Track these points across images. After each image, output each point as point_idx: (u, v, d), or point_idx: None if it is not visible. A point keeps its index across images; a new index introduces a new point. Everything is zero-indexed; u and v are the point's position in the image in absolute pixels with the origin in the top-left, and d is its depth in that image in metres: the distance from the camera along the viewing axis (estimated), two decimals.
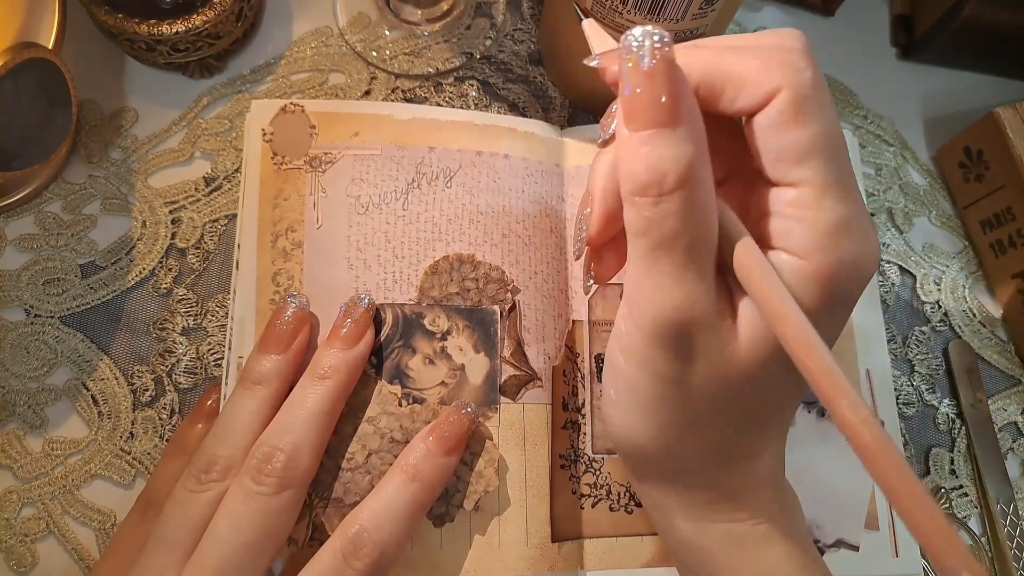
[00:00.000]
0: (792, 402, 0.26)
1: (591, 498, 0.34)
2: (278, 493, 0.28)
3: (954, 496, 0.39)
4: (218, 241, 0.38)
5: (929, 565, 0.38)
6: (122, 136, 0.39)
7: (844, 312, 0.24)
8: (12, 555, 0.33)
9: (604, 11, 0.34)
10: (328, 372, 0.30)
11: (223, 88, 0.41)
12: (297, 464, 0.28)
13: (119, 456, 0.35)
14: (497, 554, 0.32)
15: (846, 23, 0.48)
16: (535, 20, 0.44)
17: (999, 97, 0.46)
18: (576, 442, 0.35)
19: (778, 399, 0.25)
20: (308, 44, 0.42)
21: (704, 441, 0.25)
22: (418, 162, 0.36)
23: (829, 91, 0.23)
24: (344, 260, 0.34)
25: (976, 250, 0.44)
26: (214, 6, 0.37)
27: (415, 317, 0.34)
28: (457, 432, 0.30)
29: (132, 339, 0.36)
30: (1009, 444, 0.41)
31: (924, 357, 0.41)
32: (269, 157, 0.35)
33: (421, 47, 0.43)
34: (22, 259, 0.37)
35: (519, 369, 0.34)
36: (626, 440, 0.27)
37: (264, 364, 0.30)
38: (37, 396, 0.35)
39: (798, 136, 0.21)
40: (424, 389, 0.33)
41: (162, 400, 0.36)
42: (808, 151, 0.22)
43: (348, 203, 0.35)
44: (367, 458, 0.31)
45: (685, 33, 0.34)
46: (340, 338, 0.31)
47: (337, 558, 0.27)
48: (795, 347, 0.21)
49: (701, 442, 0.25)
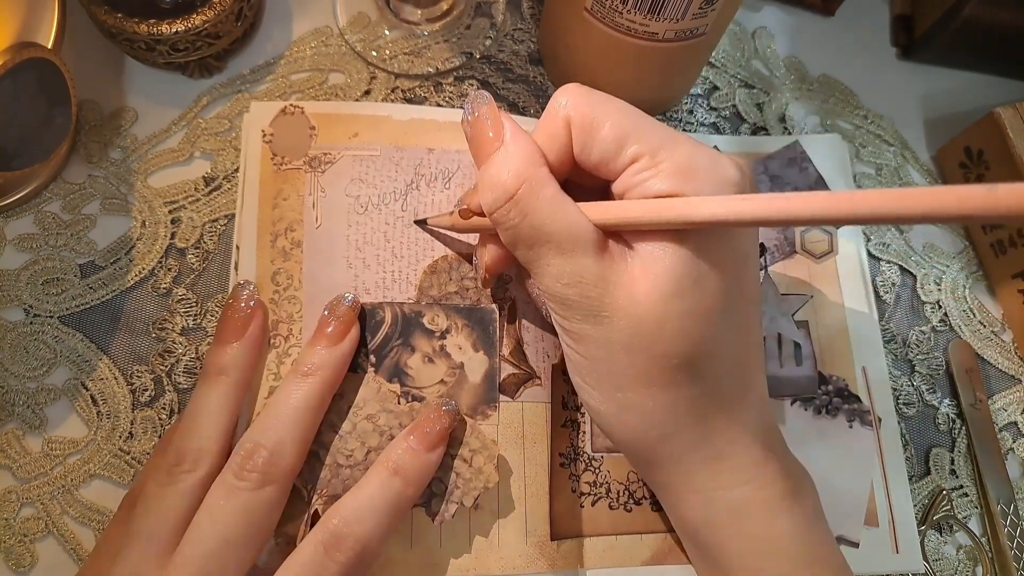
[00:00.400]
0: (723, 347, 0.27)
1: (591, 496, 0.34)
2: (260, 488, 0.28)
3: (954, 496, 0.39)
4: (218, 241, 0.38)
5: (929, 566, 0.38)
6: (122, 136, 0.39)
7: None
8: (11, 555, 0.33)
9: (604, 11, 0.34)
10: (312, 369, 0.30)
11: (223, 88, 0.41)
12: (279, 460, 0.28)
13: (118, 456, 0.35)
14: (497, 552, 0.32)
15: (846, 23, 0.48)
16: (535, 20, 0.44)
17: (999, 97, 0.46)
18: (576, 440, 0.35)
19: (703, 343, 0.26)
20: (308, 44, 0.42)
21: (673, 401, 0.27)
22: (417, 163, 0.36)
23: (588, 91, 0.27)
24: (343, 259, 0.34)
25: (976, 250, 0.44)
26: (214, 6, 0.37)
27: (414, 316, 0.34)
28: (438, 428, 0.31)
29: (131, 339, 0.36)
30: (1009, 444, 0.41)
31: (924, 357, 0.41)
32: (269, 158, 0.35)
33: (421, 47, 0.43)
34: (21, 259, 0.37)
35: (518, 367, 0.34)
36: (614, 424, 0.28)
37: (223, 354, 0.31)
38: (36, 396, 0.35)
39: (602, 138, 0.26)
40: (423, 387, 0.33)
41: (161, 400, 0.36)
42: (617, 140, 0.26)
43: (347, 203, 0.35)
44: (366, 455, 0.31)
45: (686, 33, 0.34)
46: (325, 336, 0.31)
47: (318, 551, 0.27)
48: (678, 212, 0.24)
49: (672, 403, 0.27)
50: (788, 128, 0.44)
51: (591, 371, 0.28)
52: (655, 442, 0.28)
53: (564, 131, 0.27)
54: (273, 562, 0.28)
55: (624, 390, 0.27)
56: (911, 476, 0.39)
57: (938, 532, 0.39)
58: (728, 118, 0.44)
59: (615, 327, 0.26)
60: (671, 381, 0.26)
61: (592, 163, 0.27)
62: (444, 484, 0.32)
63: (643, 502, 0.35)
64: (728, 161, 0.26)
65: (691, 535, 0.30)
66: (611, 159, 0.26)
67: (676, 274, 0.25)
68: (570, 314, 0.27)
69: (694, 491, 0.28)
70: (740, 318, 0.27)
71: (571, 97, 0.27)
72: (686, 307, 0.25)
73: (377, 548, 0.28)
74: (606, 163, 0.26)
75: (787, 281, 0.39)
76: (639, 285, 0.25)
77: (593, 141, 0.26)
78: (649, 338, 0.25)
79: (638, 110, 0.27)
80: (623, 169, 0.26)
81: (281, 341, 0.33)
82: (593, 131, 0.26)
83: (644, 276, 0.25)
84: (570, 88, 0.27)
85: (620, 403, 0.27)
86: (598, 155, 0.26)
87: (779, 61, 0.46)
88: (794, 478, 0.28)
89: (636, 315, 0.25)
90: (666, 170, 0.25)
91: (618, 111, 0.26)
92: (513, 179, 0.26)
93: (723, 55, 0.45)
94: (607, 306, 0.26)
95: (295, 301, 0.34)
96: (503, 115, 0.27)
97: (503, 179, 0.26)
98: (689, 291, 0.25)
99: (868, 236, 0.43)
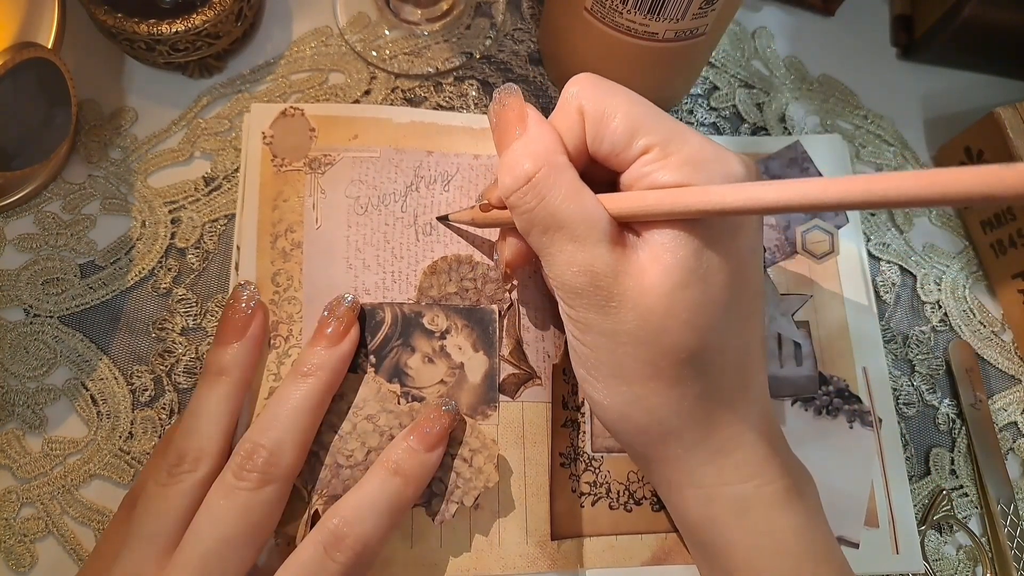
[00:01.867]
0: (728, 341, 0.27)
1: (591, 496, 0.34)
2: (259, 488, 0.28)
3: (954, 496, 0.39)
4: (218, 241, 0.38)
5: (929, 566, 0.38)
6: (122, 136, 0.39)
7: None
8: (11, 555, 0.33)
9: (604, 11, 0.34)
10: (311, 370, 0.30)
11: (223, 88, 0.41)
12: (279, 460, 0.28)
13: (118, 456, 0.35)
14: (497, 552, 0.32)
15: (846, 23, 0.48)
16: (535, 20, 0.44)
17: (999, 97, 0.46)
18: (576, 440, 0.35)
19: (709, 336, 0.26)
20: (308, 44, 0.42)
21: (678, 396, 0.27)
22: (416, 165, 0.36)
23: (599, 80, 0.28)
24: (343, 260, 0.34)
25: (976, 250, 0.44)
26: (214, 6, 0.37)
27: (414, 316, 0.34)
28: (437, 428, 0.31)
29: (131, 339, 0.36)
30: (1009, 444, 0.41)
31: (924, 357, 0.41)
32: (269, 159, 0.35)
33: (421, 47, 0.43)
34: (21, 259, 0.37)
35: (518, 367, 0.34)
36: (617, 419, 0.28)
37: (224, 355, 0.31)
38: (36, 396, 0.35)
39: (612, 129, 0.26)
40: (423, 387, 0.33)
41: (161, 400, 0.36)
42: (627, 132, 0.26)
43: (347, 204, 0.35)
44: (366, 455, 0.31)
45: (686, 33, 0.34)
46: (324, 336, 0.31)
47: (318, 550, 0.27)
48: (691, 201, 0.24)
49: (677, 398, 0.27)
50: (788, 128, 0.44)
51: (596, 363, 0.27)
52: (658, 438, 0.28)
53: (578, 122, 0.27)
54: (273, 562, 0.29)
55: (629, 383, 0.27)
56: (911, 476, 0.39)
57: (938, 532, 0.39)
58: (728, 118, 0.44)
59: (622, 317, 0.26)
60: (677, 376, 0.26)
61: (603, 153, 0.27)
62: (444, 484, 0.32)
63: (643, 502, 0.35)
64: (734, 156, 0.26)
65: (693, 532, 0.30)
66: (621, 150, 0.26)
67: (685, 265, 0.25)
68: (578, 303, 0.27)
69: (696, 487, 0.28)
70: (745, 313, 0.27)
71: (582, 87, 0.27)
72: (694, 299, 0.25)
73: (377, 548, 0.28)
74: (616, 154, 0.27)
75: (787, 281, 0.39)
76: (648, 275, 0.25)
77: (604, 132, 0.27)
78: (656, 329, 0.26)
79: (646, 100, 0.27)
80: (633, 160, 0.26)
81: (281, 342, 0.33)
82: (604, 122, 0.26)
83: (653, 266, 0.25)
84: (581, 78, 0.28)
85: (625, 397, 0.27)
86: (609, 146, 0.27)
87: (779, 61, 0.46)
88: (795, 475, 0.28)
89: (644, 305, 0.25)
90: (676, 162, 0.25)
91: (628, 102, 0.27)
92: (532, 163, 0.26)
93: (723, 55, 0.45)
94: (615, 296, 0.26)
95: (295, 302, 0.34)
96: (528, 106, 0.28)
97: (522, 163, 0.27)
98: (697, 283, 0.25)
99: (868, 236, 0.43)
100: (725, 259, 0.26)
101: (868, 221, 0.43)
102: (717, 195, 0.24)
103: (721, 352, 0.27)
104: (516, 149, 0.27)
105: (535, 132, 0.27)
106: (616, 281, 0.26)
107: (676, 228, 0.25)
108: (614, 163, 0.27)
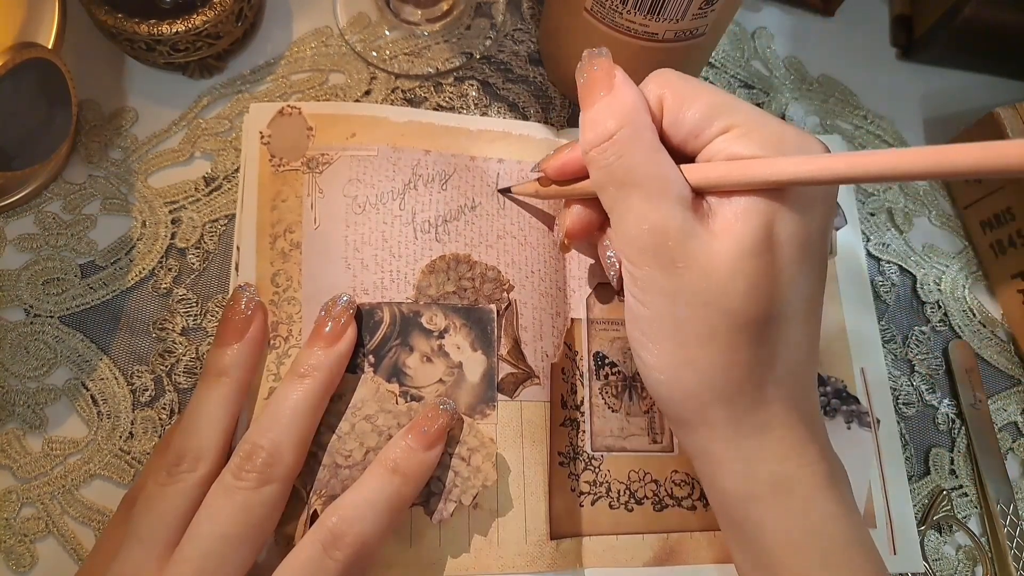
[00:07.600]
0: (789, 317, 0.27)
1: (590, 496, 0.34)
2: (259, 488, 0.28)
3: (954, 496, 0.39)
4: (218, 241, 0.38)
5: (929, 566, 0.38)
6: (122, 136, 0.39)
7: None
8: (11, 555, 0.33)
9: (604, 11, 0.34)
10: (309, 370, 0.30)
11: (223, 88, 0.41)
12: (278, 460, 0.29)
13: (118, 456, 0.35)
14: (496, 552, 0.32)
15: (846, 23, 0.48)
16: (535, 20, 0.44)
17: (999, 97, 0.46)
18: (575, 440, 0.35)
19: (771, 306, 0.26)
20: (308, 44, 0.42)
21: (732, 362, 0.26)
22: (414, 164, 0.36)
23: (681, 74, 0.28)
24: (342, 260, 0.34)
25: (976, 250, 0.44)
26: (214, 6, 0.37)
27: (412, 315, 0.34)
28: (435, 427, 0.31)
29: (132, 339, 0.36)
30: (1009, 444, 0.41)
31: (924, 357, 0.41)
32: (267, 159, 0.35)
33: (421, 47, 0.43)
34: (22, 259, 0.37)
35: (516, 367, 0.34)
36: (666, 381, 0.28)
37: (224, 356, 0.31)
38: (36, 396, 0.35)
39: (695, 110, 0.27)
40: (422, 387, 0.33)
41: (162, 400, 0.36)
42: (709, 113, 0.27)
43: (345, 203, 0.35)
44: (365, 455, 0.31)
45: (685, 33, 0.34)
46: (321, 337, 0.31)
47: (317, 548, 0.27)
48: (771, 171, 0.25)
49: (731, 364, 0.27)
50: None
51: (652, 323, 0.27)
52: (707, 403, 0.27)
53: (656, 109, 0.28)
54: (272, 561, 0.29)
55: (684, 345, 0.27)
56: (911, 476, 0.39)
57: (938, 532, 0.39)
58: None
59: (687, 278, 0.26)
60: (733, 341, 0.26)
61: (681, 136, 0.27)
62: (442, 483, 0.32)
63: (645, 502, 0.35)
64: (814, 139, 0.27)
65: (730, 509, 0.29)
66: (701, 131, 0.27)
67: (756, 234, 0.25)
68: (643, 260, 0.27)
69: (738, 459, 0.28)
70: (807, 294, 0.27)
71: (665, 76, 0.28)
72: (760, 267, 0.26)
73: (376, 546, 0.28)
74: (696, 135, 0.27)
75: None
76: (718, 240, 0.26)
77: (685, 114, 0.27)
78: (718, 292, 0.26)
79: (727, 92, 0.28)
80: (711, 140, 0.27)
81: (281, 342, 0.33)
82: (686, 104, 0.27)
83: (724, 232, 0.26)
84: (664, 71, 0.28)
85: (677, 358, 0.27)
86: (689, 126, 0.27)
87: (779, 61, 0.46)
88: (833, 463, 0.28)
89: (710, 267, 0.26)
90: (757, 140, 0.26)
91: (712, 90, 0.27)
92: (616, 121, 0.27)
93: (723, 55, 0.45)
94: (683, 257, 0.26)
95: (294, 302, 0.34)
96: (617, 67, 0.28)
97: (605, 120, 0.27)
98: (765, 252, 0.25)
99: (868, 236, 0.43)
100: (795, 234, 0.26)
101: (868, 221, 0.43)
102: (791, 164, 0.24)
103: (781, 326, 0.27)
104: (600, 107, 0.28)
105: (621, 92, 0.28)
106: (685, 243, 0.26)
107: (750, 197, 0.26)
108: (692, 145, 0.27)
